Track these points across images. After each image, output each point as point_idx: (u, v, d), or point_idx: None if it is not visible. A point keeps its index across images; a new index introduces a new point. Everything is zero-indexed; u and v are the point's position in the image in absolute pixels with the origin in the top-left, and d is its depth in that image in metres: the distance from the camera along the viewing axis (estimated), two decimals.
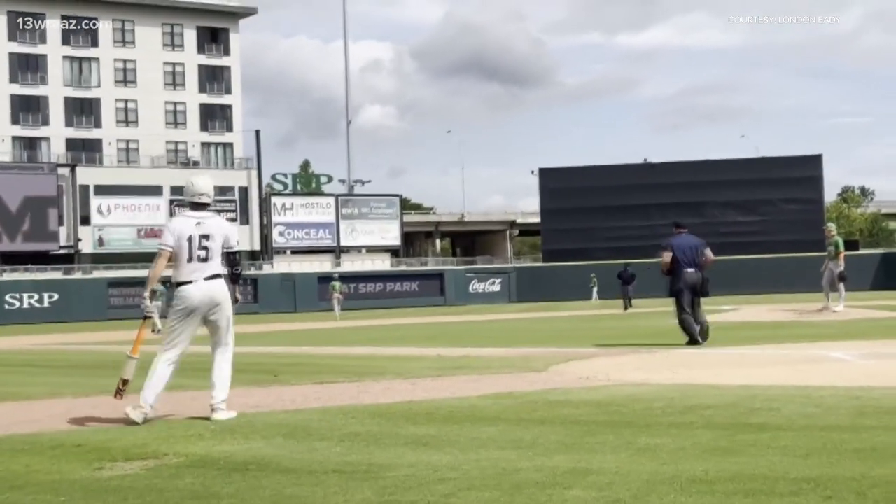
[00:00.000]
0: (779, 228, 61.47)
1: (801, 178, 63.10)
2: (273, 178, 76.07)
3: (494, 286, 63.82)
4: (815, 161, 64.53)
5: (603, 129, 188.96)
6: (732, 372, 11.10)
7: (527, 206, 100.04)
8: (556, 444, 6.42)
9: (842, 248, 24.67)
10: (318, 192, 76.53)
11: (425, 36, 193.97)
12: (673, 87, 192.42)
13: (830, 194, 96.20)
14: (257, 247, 74.91)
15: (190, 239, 8.20)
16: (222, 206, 72.82)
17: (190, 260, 8.20)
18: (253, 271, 65.62)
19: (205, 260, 8.23)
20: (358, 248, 76.06)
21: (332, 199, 75.71)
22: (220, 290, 8.32)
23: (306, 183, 78.86)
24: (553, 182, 65.82)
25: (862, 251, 63.81)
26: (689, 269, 15.88)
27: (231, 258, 8.50)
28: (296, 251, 73.25)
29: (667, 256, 16.04)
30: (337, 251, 74.50)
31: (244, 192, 74.40)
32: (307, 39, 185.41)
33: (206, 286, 8.23)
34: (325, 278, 54.79)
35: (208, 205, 8.49)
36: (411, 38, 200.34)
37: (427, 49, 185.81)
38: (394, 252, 77.70)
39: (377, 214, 76.98)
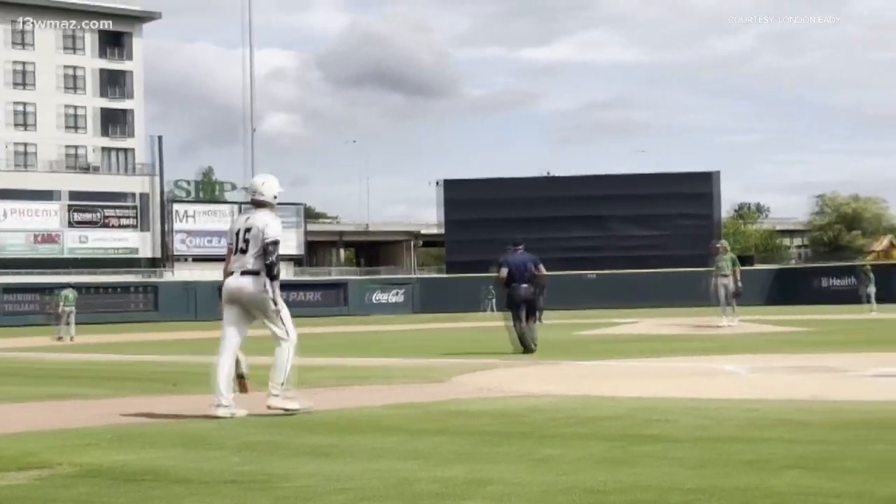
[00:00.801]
0: (674, 243, 62.49)
1: (696, 194, 64.35)
2: (176, 184, 74.90)
3: (397, 297, 63.79)
4: (709, 178, 65.94)
5: (506, 142, 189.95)
6: (629, 384, 11.28)
7: (431, 217, 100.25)
8: (454, 454, 6.44)
9: (737, 263, 25.35)
10: (220, 200, 75.60)
11: (330, 45, 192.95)
12: (575, 101, 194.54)
13: (727, 210, 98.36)
14: (157, 254, 73.72)
15: (238, 232, 8.77)
16: (122, 213, 71.54)
17: (235, 252, 8.76)
18: (153, 279, 64.60)
19: (244, 252, 8.68)
20: None
21: (234, 207, 74.87)
22: (248, 285, 8.63)
23: (209, 190, 77.87)
24: (456, 194, 66.16)
25: (757, 266, 65.34)
26: (523, 285, 17.39)
27: (265, 248, 8.67)
28: (197, 259, 72.20)
29: (503, 272, 17.49)
30: None
31: (145, 198, 73.06)
32: (211, 45, 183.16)
33: (238, 280, 8.67)
34: None
35: (267, 203, 8.89)
36: (316, 46, 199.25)
37: (331, 58, 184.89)
38: (297, 261, 77.12)
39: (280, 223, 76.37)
